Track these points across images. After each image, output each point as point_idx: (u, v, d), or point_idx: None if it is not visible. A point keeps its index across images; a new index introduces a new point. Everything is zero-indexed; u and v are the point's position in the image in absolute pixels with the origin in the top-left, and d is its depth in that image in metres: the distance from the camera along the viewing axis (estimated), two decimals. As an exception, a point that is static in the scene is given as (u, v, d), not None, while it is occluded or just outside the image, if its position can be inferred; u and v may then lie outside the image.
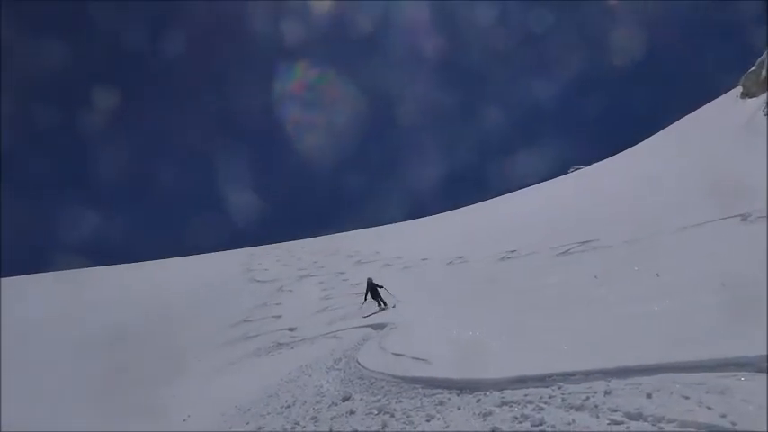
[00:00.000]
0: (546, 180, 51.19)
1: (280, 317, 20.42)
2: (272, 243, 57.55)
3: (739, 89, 37.88)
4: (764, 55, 34.97)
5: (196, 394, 12.90)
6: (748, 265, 8.06)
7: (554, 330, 7.85)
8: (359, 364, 9.78)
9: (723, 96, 41.33)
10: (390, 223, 57.68)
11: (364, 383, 8.55)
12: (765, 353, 4.61)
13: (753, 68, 36.03)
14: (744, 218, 12.22)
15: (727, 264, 8.82)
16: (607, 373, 5.44)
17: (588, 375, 5.57)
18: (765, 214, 11.83)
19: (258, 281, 32.22)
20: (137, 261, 51.63)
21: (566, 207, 28.86)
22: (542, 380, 5.89)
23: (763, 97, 32.57)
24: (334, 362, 11.07)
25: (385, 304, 15.83)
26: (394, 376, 8.17)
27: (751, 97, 35.11)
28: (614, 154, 48.90)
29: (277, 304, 23.39)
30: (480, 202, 53.22)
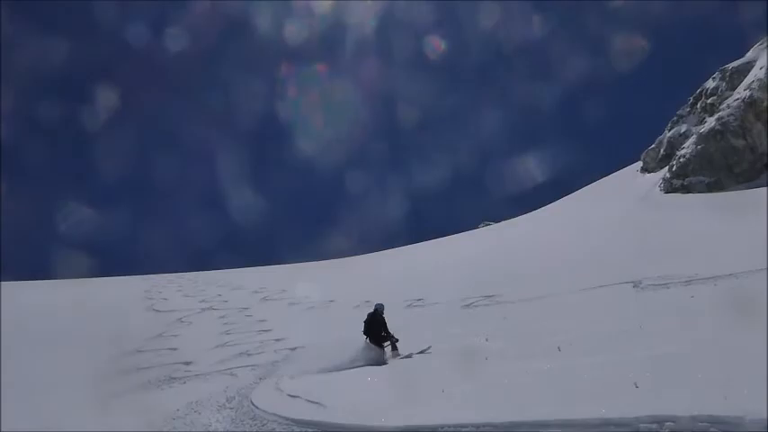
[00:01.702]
0: (458, 232, 53.00)
1: (176, 349, 19.41)
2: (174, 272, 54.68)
3: (639, 164, 41.28)
4: (664, 134, 38.36)
5: (71, 429, 11.91)
6: (637, 328, 8.54)
7: (449, 382, 7.88)
8: (252, 403, 9.40)
9: (625, 169, 44.69)
10: (300, 262, 57.16)
11: (255, 424, 8.22)
12: (641, 414, 4.79)
13: (652, 146, 39.49)
14: (636, 284, 13.04)
15: (616, 326, 9.29)
16: (497, 427, 5.49)
17: (479, 428, 5.59)
18: (655, 282, 12.70)
19: (156, 310, 30.58)
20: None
21: (473, 260, 29.71)
22: (433, 431, 5.86)
23: (659, 173, 35.62)
24: (227, 400, 10.59)
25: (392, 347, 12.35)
26: (286, 418, 7.89)
27: (650, 172, 38.34)
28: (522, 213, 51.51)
29: (174, 336, 22.24)
30: (393, 248, 53.86)
